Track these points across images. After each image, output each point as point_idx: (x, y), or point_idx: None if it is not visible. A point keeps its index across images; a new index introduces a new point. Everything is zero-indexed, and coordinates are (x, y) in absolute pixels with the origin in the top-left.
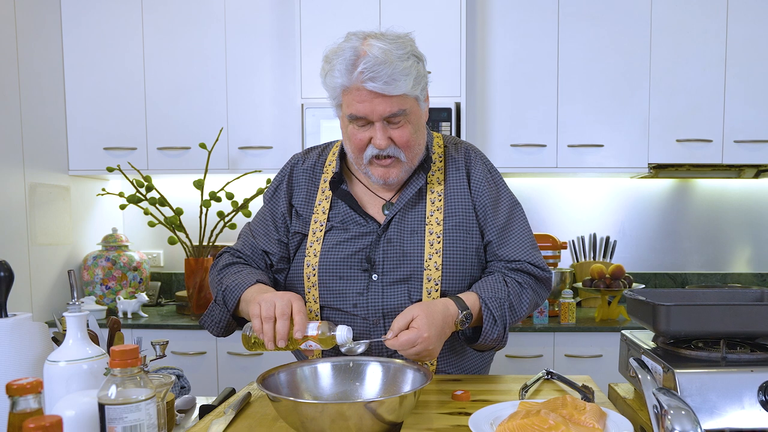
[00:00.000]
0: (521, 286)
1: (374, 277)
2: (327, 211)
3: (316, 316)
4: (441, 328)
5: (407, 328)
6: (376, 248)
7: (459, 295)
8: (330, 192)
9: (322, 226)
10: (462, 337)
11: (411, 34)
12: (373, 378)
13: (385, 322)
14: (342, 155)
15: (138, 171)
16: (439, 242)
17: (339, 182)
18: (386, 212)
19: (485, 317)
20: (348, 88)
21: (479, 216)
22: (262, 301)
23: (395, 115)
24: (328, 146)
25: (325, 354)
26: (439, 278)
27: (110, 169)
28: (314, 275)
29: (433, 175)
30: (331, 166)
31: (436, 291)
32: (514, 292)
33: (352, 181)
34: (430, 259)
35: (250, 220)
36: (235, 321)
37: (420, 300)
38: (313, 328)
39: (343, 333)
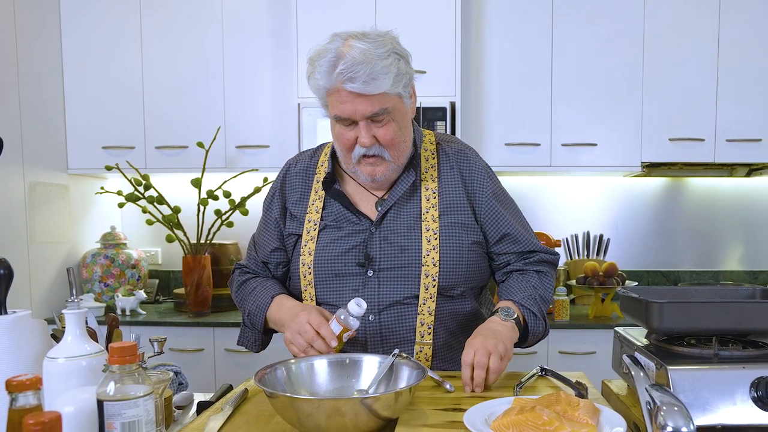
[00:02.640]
0: (540, 273)
1: (369, 273)
2: (320, 211)
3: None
4: (484, 332)
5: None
6: (372, 245)
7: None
8: (323, 192)
9: (315, 225)
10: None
11: (393, 32)
12: (369, 374)
13: (381, 318)
14: (333, 155)
15: (136, 170)
16: (436, 238)
17: (331, 182)
18: (379, 209)
19: (527, 317)
20: (330, 89)
21: (482, 213)
22: (291, 342)
23: (378, 114)
24: (319, 148)
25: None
26: (437, 274)
27: (109, 168)
28: (310, 273)
29: (426, 171)
30: (323, 167)
31: (434, 287)
32: (538, 284)
33: (344, 180)
34: (427, 255)
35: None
36: (267, 335)
37: (417, 295)
38: (337, 328)
39: (354, 311)
